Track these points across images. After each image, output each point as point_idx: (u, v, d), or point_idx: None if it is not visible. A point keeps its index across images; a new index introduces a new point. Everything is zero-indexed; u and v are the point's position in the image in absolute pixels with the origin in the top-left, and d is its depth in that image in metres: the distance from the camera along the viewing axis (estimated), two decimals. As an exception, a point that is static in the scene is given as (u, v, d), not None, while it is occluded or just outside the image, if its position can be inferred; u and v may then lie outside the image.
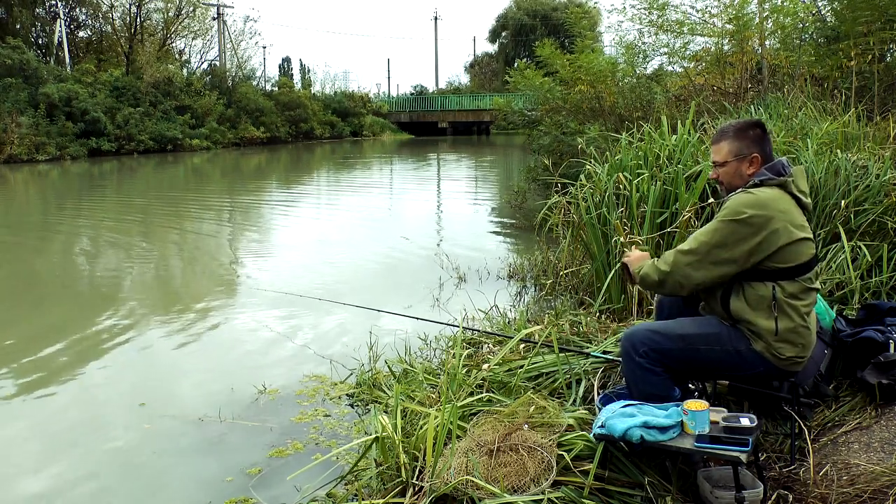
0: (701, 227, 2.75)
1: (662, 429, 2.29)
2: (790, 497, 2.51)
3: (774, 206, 2.40)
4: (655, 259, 2.63)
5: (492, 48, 57.43)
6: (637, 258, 2.74)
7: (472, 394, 3.19)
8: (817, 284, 2.54)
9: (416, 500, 2.49)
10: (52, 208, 14.20)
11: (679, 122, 5.72)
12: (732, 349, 2.50)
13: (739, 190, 2.52)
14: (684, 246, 2.50)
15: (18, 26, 32.53)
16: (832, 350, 3.21)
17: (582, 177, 5.56)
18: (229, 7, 47.47)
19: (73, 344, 5.15)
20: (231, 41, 40.87)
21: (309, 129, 40.03)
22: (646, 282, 2.64)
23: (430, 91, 55.19)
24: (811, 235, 2.49)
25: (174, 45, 39.65)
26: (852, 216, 4.33)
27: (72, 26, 37.27)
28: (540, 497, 2.32)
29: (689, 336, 2.54)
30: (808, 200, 2.55)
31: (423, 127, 48.16)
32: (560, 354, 3.39)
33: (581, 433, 2.61)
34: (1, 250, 9.36)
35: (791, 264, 2.42)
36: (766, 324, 2.43)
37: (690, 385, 2.94)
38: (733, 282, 2.49)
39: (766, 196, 2.42)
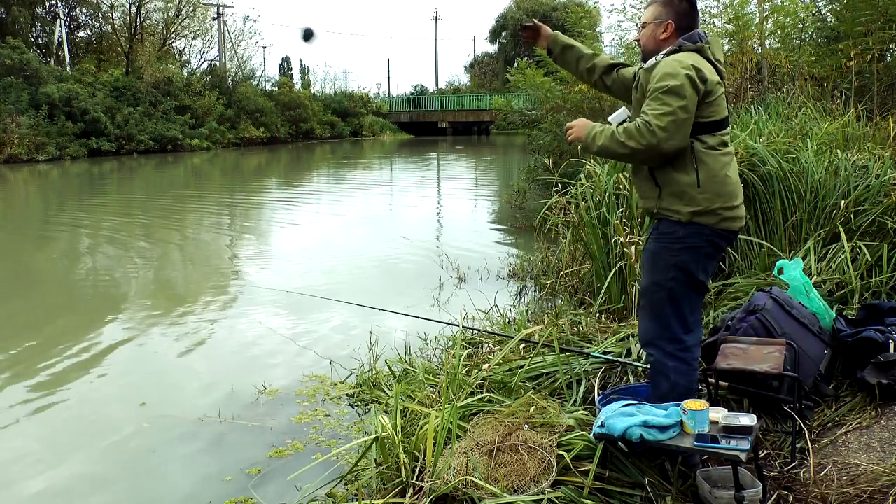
0: None
1: (662, 428, 2.29)
2: (790, 497, 2.51)
3: (694, 62, 2.50)
4: (616, 130, 2.54)
5: (492, 48, 57.42)
6: (584, 128, 2.65)
7: (472, 394, 3.19)
8: (730, 140, 2.63)
9: (416, 500, 2.49)
10: (53, 208, 14.20)
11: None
12: (673, 241, 2.54)
13: (659, 58, 2.57)
14: (652, 121, 2.42)
15: (18, 26, 32.51)
16: (832, 350, 3.21)
17: (582, 176, 5.56)
18: (229, 7, 47.61)
19: (72, 343, 5.15)
20: (231, 41, 40.89)
21: (309, 129, 40.01)
22: (604, 153, 2.64)
23: (431, 91, 55.16)
24: (724, 98, 2.60)
25: (174, 45, 39.70)
26: (852, 216, 4.33)
27: (72, 26, 37.27)
28: (540, 497, 2.32)
29: (649, 288, 2.61)
30: (723, 69, 2.65)
31: (423, 127, 48.12)
32: (560, 355, 3.39)
33: (581, 433, 2.61)
34: (1, 250, 9.37)
35: (711, 119, 2.51)
36: (688, 178, 2.49)
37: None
38: None
39: (685, 55, 2.53)
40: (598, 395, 3.12)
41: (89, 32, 39.26)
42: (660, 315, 2.60)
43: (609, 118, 2.72)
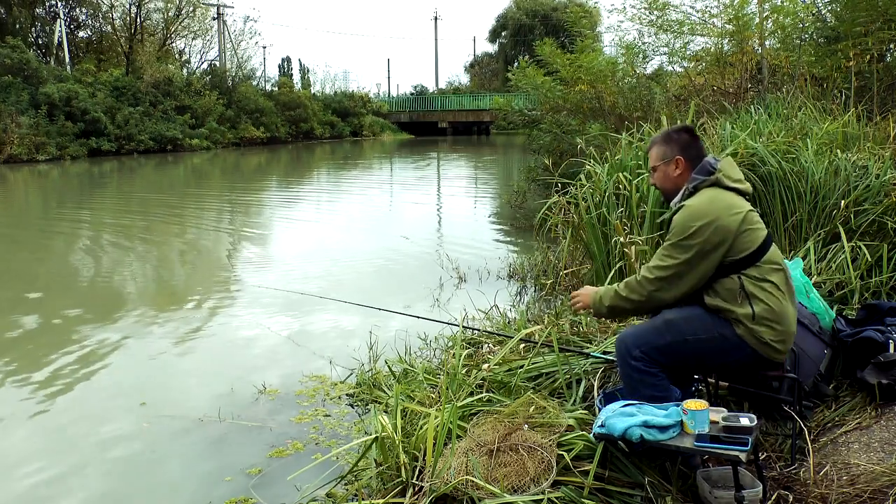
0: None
1: (662, 428, 2.29)
2: (790, 497, 2.51)
3: (714, 207, 2.48)
4: (616, 287, 2.64)
5: (492, 48, 57.51)
6: (588, 295, 2.75)
7: (472, 394, 3.19)
8: (781, 262, 2.57)
9: (416, 500, 2.49)
10: (53, 208, 14.20)
11: (679, 121, 5.72)
12: (717, 333, 2.51)
13: (677, 205, 2.62)
14: (648, 274, 2.55)
15: (18, 26, 32.49)
16: (832, 350, 3.21)
17: (582, 177, 5.56)
18: (229, 7, 47.57)
19: (73, 344, 5.15)
20: (231, 41, 40.88)
21: (309, 129, 40.02)
22: (615, 312, 2.72)
23: (430, 91, 55.17)
24: (758, 218, 2.57)
25: (174, 45, 39.69)
26: (852, 216, 4.33)
27: (72, 26, 37.26)
28: (540, 497, 2.32)
29: (674, 322, 2.55)
30: (746, 185, 2.61)
31: (423, 127, 48.13)
32: (560, 354, 3.39)
33: (581, 433, 2.61)
34: (1, 250, 9.36)
35: (747, 252, 2.48)
36: (743, 311, 2.47)
37: (693, 387, 2.95)
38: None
39: (702, 201, 2.52)
40: (598, 394, 3.12)
41: (89, 32, 39.29)
42: (647, 334, 2.58)
43: None
